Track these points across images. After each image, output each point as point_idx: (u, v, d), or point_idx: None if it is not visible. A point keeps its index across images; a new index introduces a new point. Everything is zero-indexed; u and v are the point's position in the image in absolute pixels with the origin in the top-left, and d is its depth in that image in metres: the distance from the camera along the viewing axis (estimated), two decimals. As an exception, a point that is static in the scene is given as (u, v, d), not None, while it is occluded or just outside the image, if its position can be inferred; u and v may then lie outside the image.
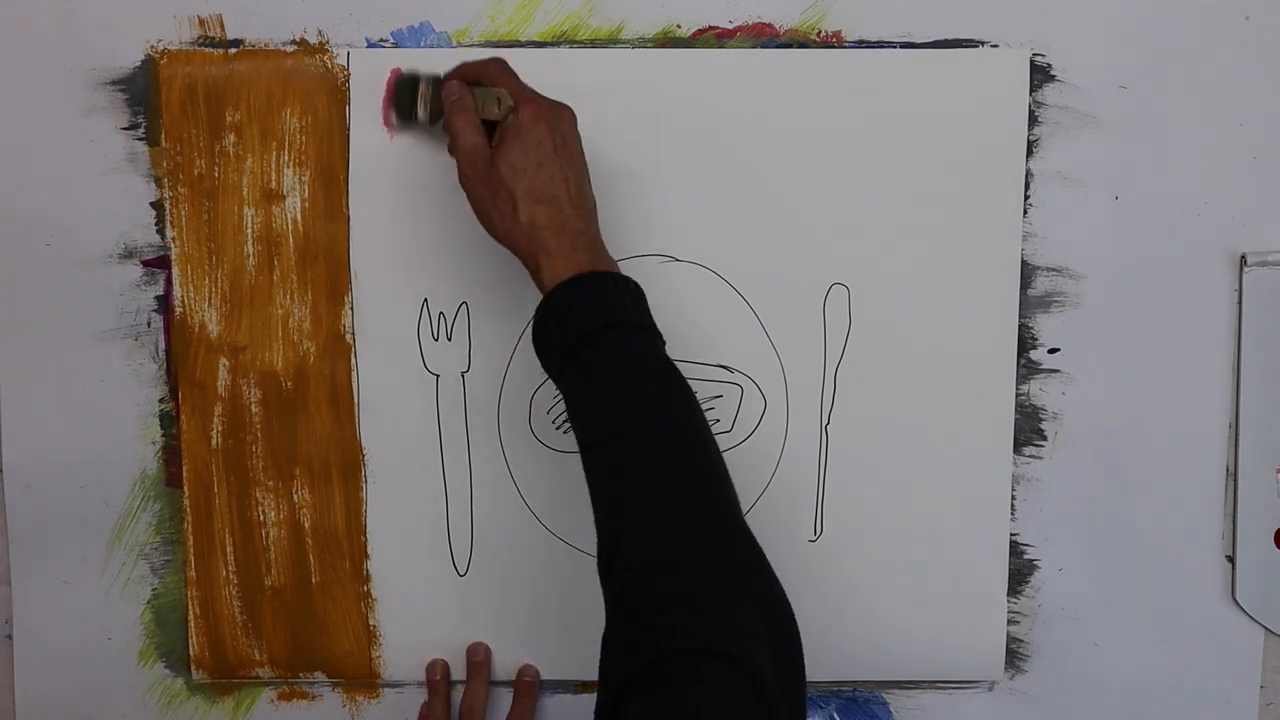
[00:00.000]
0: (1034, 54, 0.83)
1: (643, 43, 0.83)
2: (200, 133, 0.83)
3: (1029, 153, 0.84)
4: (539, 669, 0.89)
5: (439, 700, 0.88)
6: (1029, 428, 0.87)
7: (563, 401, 0.85)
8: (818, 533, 0.88)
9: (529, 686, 0.88)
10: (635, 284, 0.72)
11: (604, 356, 0.69)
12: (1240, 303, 0.86)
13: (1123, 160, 0.84)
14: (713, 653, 0.56)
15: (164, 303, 0.86)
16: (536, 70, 0.78)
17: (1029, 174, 0.84)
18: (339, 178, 0.84)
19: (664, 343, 0.72)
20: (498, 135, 0.74)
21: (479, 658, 0.87)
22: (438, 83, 0.79)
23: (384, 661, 0.89)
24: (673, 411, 0.68)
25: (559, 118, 0.74)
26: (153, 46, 0.83)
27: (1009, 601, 0.89)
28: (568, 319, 0.69)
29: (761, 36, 0.83)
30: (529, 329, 0.85)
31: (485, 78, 0.77)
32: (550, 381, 0.86)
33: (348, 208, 0.84)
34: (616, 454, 0.67)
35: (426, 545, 0.88)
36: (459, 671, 0.89)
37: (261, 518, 0.87)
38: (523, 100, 0.74)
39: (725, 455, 0.86)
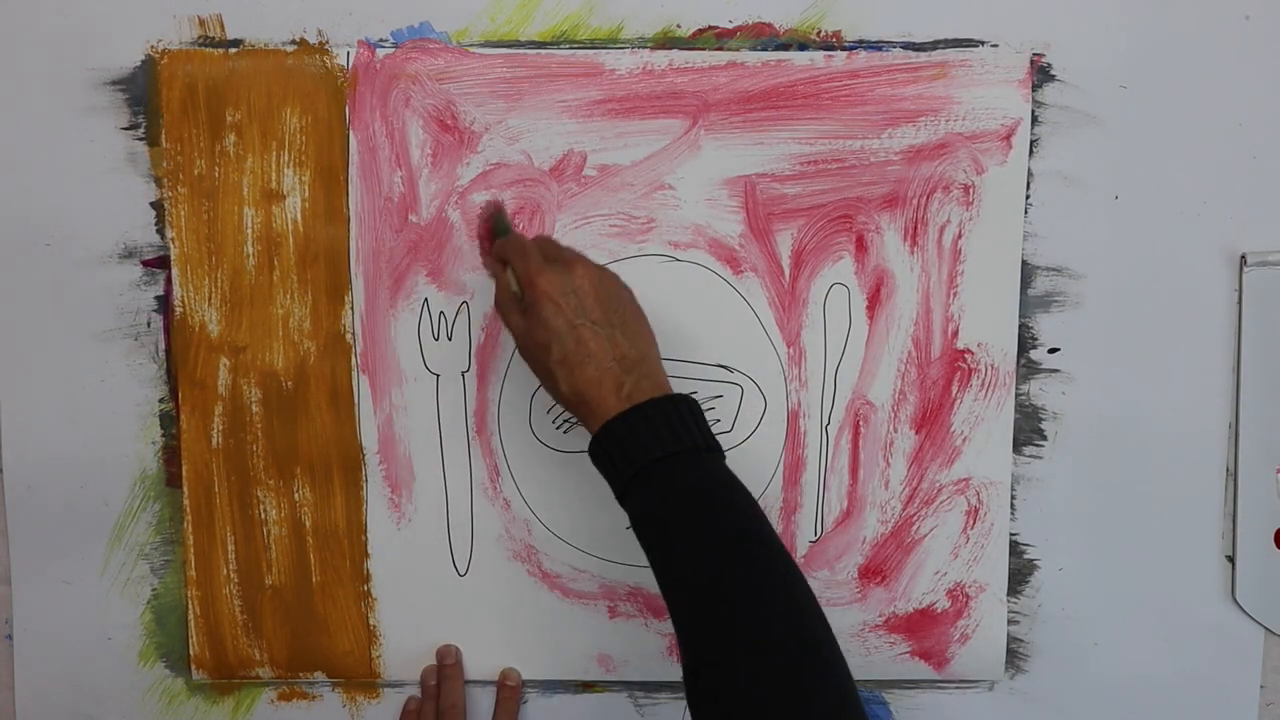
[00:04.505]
0: (1034, 54, 0.83)
1: (643, 42, 0.83)
2: (200, 133, 0.83)
3: (1029, 153, 0.84)
4: (539, 670, 0.89)
5: (430, 703, 0.88)
6: (1029, 428, 0.87)
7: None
8: (818, 533, 0.88)
9: (512, 691, 0.88)
10: (682, 403, 0.71)
11: (649, 501, 0.69)
12: (1240, 303, 0.86)
13: (1123, 160, 0.84)
14: None
15: (164, 303, 0.86)
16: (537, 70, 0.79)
17: (1029, 174, 0.84)
18: (339, 178, 0.84)
19: (717, 456, 0.71)
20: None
21: (450, 660, 0.88)
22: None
23: (384, 661, 0.89)
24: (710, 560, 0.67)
25: (567, 280, 0.73)
26: (153, 46, 0.83)
27: (1009, 601, 0.89)
28: (611, 464, 0.70)
29: (761, 36, 0.83)
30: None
31: (505, 257, 0.77)
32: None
33: (348, 208, 0.84)
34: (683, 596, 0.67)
35: (426, 545, 0.88)
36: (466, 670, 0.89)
37: (262, 516, 0.87)
38: (526, 280, 0.74)
39: (726, 455, 0.87)
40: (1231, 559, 0.88)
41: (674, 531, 0.68)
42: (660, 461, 0.69)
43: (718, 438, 0.68)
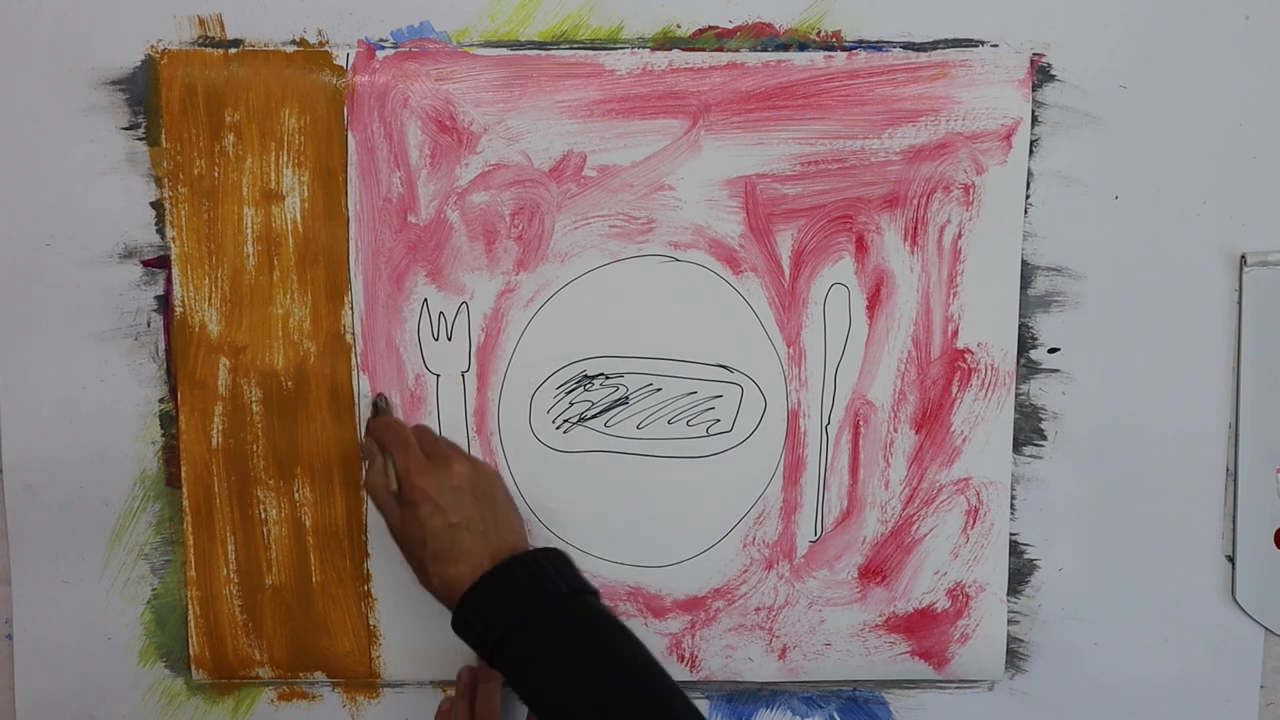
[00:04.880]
0: (1034, 54, 0.83)
1: (642, 43, 0.83)
2: (200, 133, 0.83)
3: (1029, 153, 0.84)
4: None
5: (464, 703, 0.87)
6: (1029, 428, 0.87)
7: (563, 403, 0.86)
8: (818, 533, 0.88)
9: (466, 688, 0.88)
10: (543, 555, 0.76)
11: (524, 656, 0.73)
12: (1240, 303, 0.86)
13: (1123, 160, 0.84)
14: None
15: (164, 303, 0.86)
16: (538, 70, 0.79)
17: (1029, 174, 0.84)
18: (338, 178, 0.84)
19: (587, 598, 0.75)
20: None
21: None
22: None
23: (384, 661, 0.89)
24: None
25: (445, 478, 0.78)
26: (153, 46, 0.83)
27: (1009, 601, 0.89)
28: (482, 624, 0.73)
29: (761, 36, 0.83)
30: (523, 336, 0.85)
31: (383, 442, 0.81)
32: (550, 381, 0.86)
33: (347, 208, 0.84)
34: None
35: (426, 545, 0.88)
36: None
37: (262, 515, 0.87)
38: (405, 474, 0.78)
39: (725, 455, 0.87)
40: (1231, 559, 0.88)
41: (550, 680, 0.71)
42: (530, 616, 0.72)
43: (718, 437, 0.68)
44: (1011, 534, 0.88)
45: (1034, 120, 0.84)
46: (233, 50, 0.83)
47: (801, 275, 0.85)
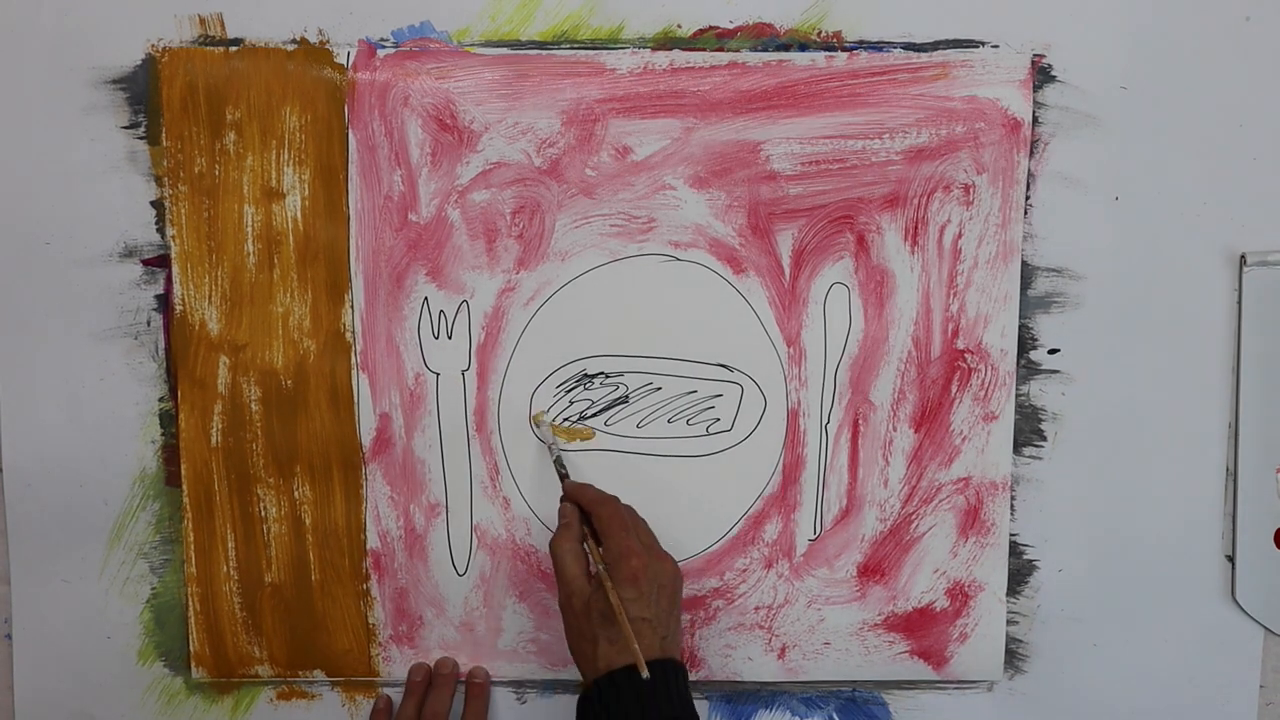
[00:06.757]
0: (1034, 54, 0.83)
1: (643, 42, 0.83)
2: (200, 131, 0.83)
3: (1029, 153, 0.84)
4: (538, 669, 0.89)
5: (412, 703, 0.87)
6: (1029, 428, 0.87)
7: (563, 402, 0.86)
8: (817, 531, 0.88)
9: (479, 689, 0.89)
10: (667, 674, 0.76)
11: None
12: (1240, 303, 0.86)
13: (1123, 160, 0.84)
14: None
15: (164, 301, 0.86)
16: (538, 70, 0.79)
17: (1029, 174, 0.84)
18: (338, 176, 0.84)
19: None
20: (593, 579, 0.78)
21: (446, 670, 0.88)
22: (560, 463, 0.85)
23: (383, 660, 0.89)
24: None
25: (657, 573, 0.78)
26: (153, 45, 0.83)
27: (1008, 601, 0.89)
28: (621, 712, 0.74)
29: (762, 36, 0.83)
30: (523, 335, 0.85)
31: (596, 520, 0.80)
32: (550, 379, 0.86)
33: (347, 206, 0.84)
34: None
35: (426, 544, 0.88)
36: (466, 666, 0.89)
37: (262, 514, 0.87)
38: (620, 558, 0.77)
39: (725, 455, 0.87)
40: (1231, 559, 0.88)
41: None
42: None
43: (718, 437, 0.68)
44: (1011, 534, 0.88)
45: (1035, 121, 0.84)
46: (233, 49, 0.83)
47: (802, 275, 0.85)
